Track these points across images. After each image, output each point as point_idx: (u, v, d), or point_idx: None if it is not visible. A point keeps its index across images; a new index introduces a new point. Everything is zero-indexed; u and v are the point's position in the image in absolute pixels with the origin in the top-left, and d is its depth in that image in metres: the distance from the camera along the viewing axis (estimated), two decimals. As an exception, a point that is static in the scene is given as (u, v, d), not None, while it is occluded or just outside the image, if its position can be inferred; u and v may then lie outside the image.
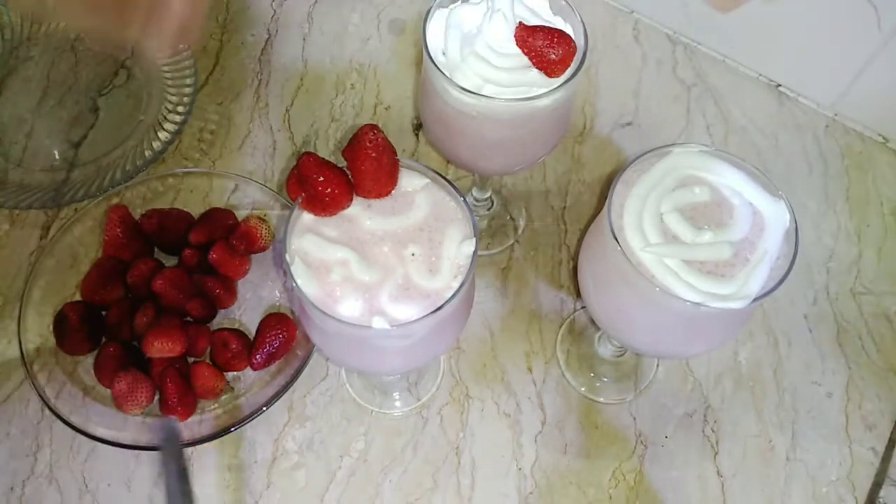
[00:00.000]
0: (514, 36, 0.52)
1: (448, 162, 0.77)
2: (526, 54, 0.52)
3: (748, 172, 0.51)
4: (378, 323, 0.45)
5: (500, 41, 0.53)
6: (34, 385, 0.62)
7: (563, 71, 0.52)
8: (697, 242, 0.48)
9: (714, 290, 0.46)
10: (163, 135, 0.77)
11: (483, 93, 0.52)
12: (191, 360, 0.66)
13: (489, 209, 0.76)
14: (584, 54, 0.53)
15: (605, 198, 0.49)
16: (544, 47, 0.51)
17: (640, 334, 0.53)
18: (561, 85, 0.52)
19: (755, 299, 0.46)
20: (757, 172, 0.50)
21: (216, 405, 0.64)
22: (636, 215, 0.49)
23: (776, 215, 0.49)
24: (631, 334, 0.53)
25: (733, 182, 0.50)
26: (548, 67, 0.52)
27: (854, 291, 0.72)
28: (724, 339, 0.54)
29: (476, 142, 0.56)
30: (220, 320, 0.68)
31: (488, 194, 0.75)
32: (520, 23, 0.52)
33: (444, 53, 0.54)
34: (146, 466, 0.63)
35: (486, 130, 0.55)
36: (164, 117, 0.79)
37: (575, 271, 0.72)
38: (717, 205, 0.50)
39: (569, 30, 0.55)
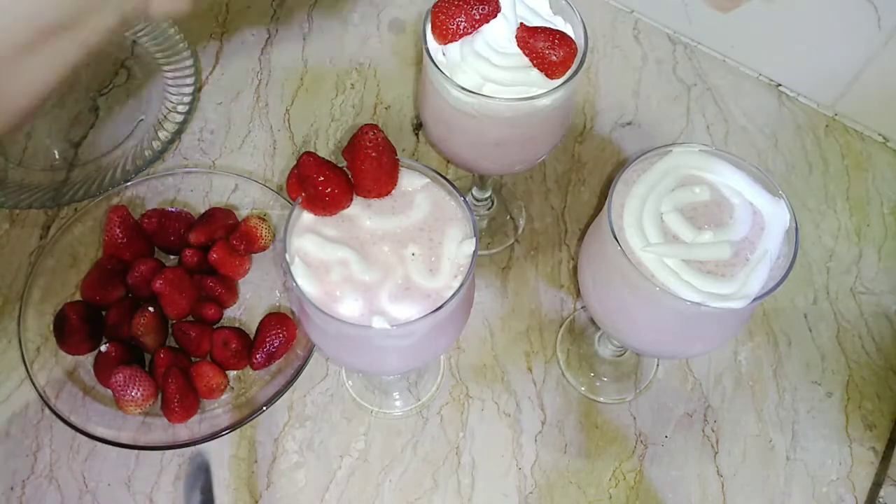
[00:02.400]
0: (516, 37, 0.52)
1: (448, 162, 0.77)
2: (527, 55, 0.52)
3: (748, 172, 0.51)
4: (378, 323, 0.45)
5: (501, 41, 0.53)
6: (34, 385, 0.62)
7: (564, 72, 0.52)
8: (697, 242, 0.48)
9: (714, 289, 0.46)
10: (163, 134, 0.77)
11: (483, 92, 0.52)
12: (193, 359, 0.66)
13: (489, 209, 0.76)
14: (585, 55, 0.53)
15: (605, 197, 0.49)
16: (545, 49, 0.51)
17: (640, 334, 0.53)
18: (561, 85, 0.52)
19: (755, 299, 0.46)
20: (757, 172, 0.50)
21: (216, 405, 0.64)
22: (636, 215, 0.49)
23: (776, 215, 0.49)
24: (631, 334, 0.53)
25: (733, 182, 0.50)
26: (548, 68, 0.52)
27: (854, 291, 0.72)
28: (724, 339, 0.54)
29: (476, 141, 0.56)
30: (221, 319, 0.68)
31: (488, 194, 0.75)
32: (521, 24, 0.52)
33: (443, 53, 0.54)
34: (146, 466, 0.63)
35: (486, 130, 0.55)
36: (165, 117, 0.79)
37: (575, 271, 0.72)
38: (717, 204, 0.50)
39: (569, 30, 0.55)
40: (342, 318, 0.45)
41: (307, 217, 0.49)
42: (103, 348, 0.64)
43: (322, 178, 0.46)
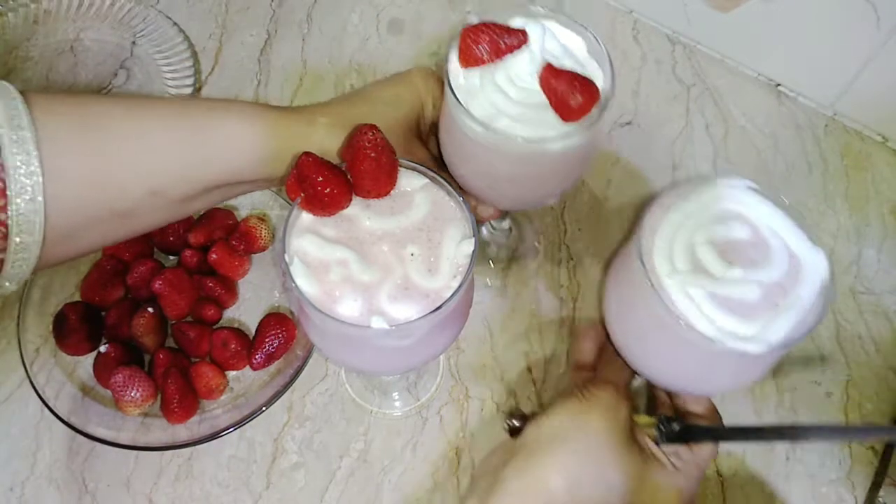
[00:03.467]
0: (539, 75, 0.51)
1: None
2: (546, 95, 0.50)
3: (793, 217, 0.49)
4: (377, 323, 0.45)
5: (523, 75, 0.51)
6: (33, 385, 0.62)
7: (580, 117, 0.50)
8: (726, 278, 0.46)
9: (733, 328, 0.45)
10: (162, 135, 0.77)
11: (496, 124, 0.50)
12: (193, 360, 0.66)
13: (507, 238, 0.74)
14: (607, 104, 0.51)
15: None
16: (565, 91, 0.49)
17: (654, 361, 0.51)
18: (575, 130, 0.50)
19: (775, 346, 0.44)
20: (801, 218, 0.48)
21: (215, 405, 0.64)
22: (668, 240, 0.48)
23: (814, 264, 0.47)
24: (644, 360, 0.52)
25: (775, 224, 0.48)
26: (565, 112, 0.50)
27: (854, 291, 0.72)
28: (739, 383, 0.52)
29: (484, 172, 0.55)
30: (220, 320, 0.68)
31: (507, 224, 0.73)
32: (548, 64, 0.51)
33: (464, 78, 0.52)
34: (145, 467, 0.63)
35: (496, 163, 0.53)
36: (164, 117, 0.79)
37: (575, 272, 0.72)
38: (754, 245, 0.48)
39: (599, 75, 0.53)
40: (341, 318, 0.45)
41: (306, 217, 0.49)
42: (103, 349, 0.64)
43: (321, 179, 0.46)
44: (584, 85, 0.50)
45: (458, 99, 0.51)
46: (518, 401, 0.66)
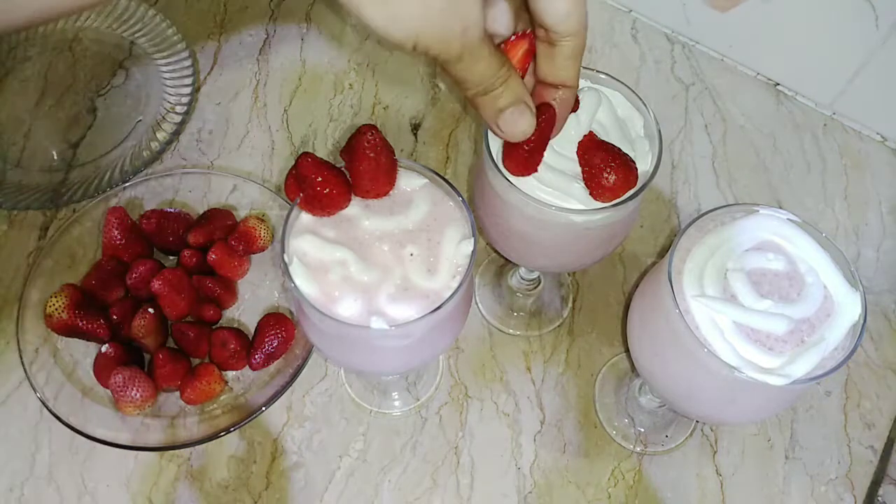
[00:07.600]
0: (579, 143, 0.49)
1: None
2: (581, 165, 0.49)
3: (832, 253, 0.48)
4: (376, 323, 0.45)
5: (562, 139, 0.49)
6: (32, 386, 0.62)
7: (610, 199, 0.48)
8: (754, 308, 0.46)
9: (755, 359, 0.45)
10: (161, 135, 0.77)
11: (518, 180, 0.49)
12: (193, 360, 0.66)
13: (535, 287, 0.72)
14: (643, 188, 0.49)
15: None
16: (600, 167, 0.47)
17: (673, 384, 0.51)
18: (599, 209, 0.48)
19: (796, 381, 0.44)
20: (841, 257, 0.48)
21: (215, 405, 0.64)
22: (700, 262, 0.48)
23: (848, 305, 0.46)
24: (664, 382, 0.51)
25: (813, 259, 0.48)
26: (595, 189, 0.48)
27: (852, 290, 0.72)
28: (759, 414, 0.52)
29: (503, 224, 0.54)
30: (220, 320, 0.68)
31: (536, 275, 0.70)
32: (591, 132, 0.49)
33: None
34: (145, 467, 0.63)
35: (514, 219, 0.52)
36: (163, 117, 0.79)
37: (573, 270, 0.72)
38: (789, 277, 0.48)
39: (646, 159, 0.51)
40: (341, 318, 0.45)
41: (305, 218, 0.49)
42: (103, 349, 0.64)
43: (320, 179, 0.46)
44: (622, 165, 0.47)
45: (488, 147, 0.50)
46: (517, 400, 0.66)
